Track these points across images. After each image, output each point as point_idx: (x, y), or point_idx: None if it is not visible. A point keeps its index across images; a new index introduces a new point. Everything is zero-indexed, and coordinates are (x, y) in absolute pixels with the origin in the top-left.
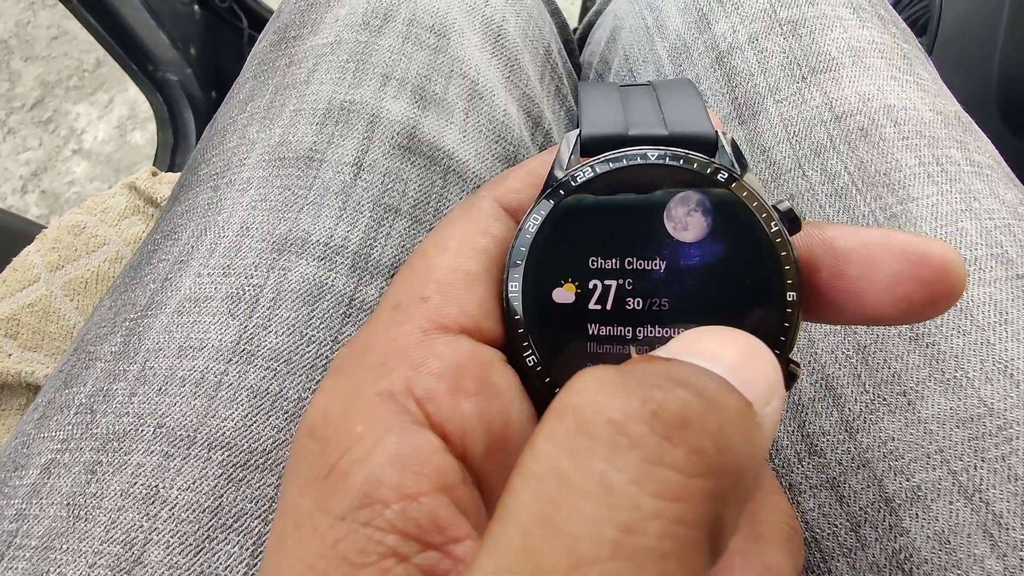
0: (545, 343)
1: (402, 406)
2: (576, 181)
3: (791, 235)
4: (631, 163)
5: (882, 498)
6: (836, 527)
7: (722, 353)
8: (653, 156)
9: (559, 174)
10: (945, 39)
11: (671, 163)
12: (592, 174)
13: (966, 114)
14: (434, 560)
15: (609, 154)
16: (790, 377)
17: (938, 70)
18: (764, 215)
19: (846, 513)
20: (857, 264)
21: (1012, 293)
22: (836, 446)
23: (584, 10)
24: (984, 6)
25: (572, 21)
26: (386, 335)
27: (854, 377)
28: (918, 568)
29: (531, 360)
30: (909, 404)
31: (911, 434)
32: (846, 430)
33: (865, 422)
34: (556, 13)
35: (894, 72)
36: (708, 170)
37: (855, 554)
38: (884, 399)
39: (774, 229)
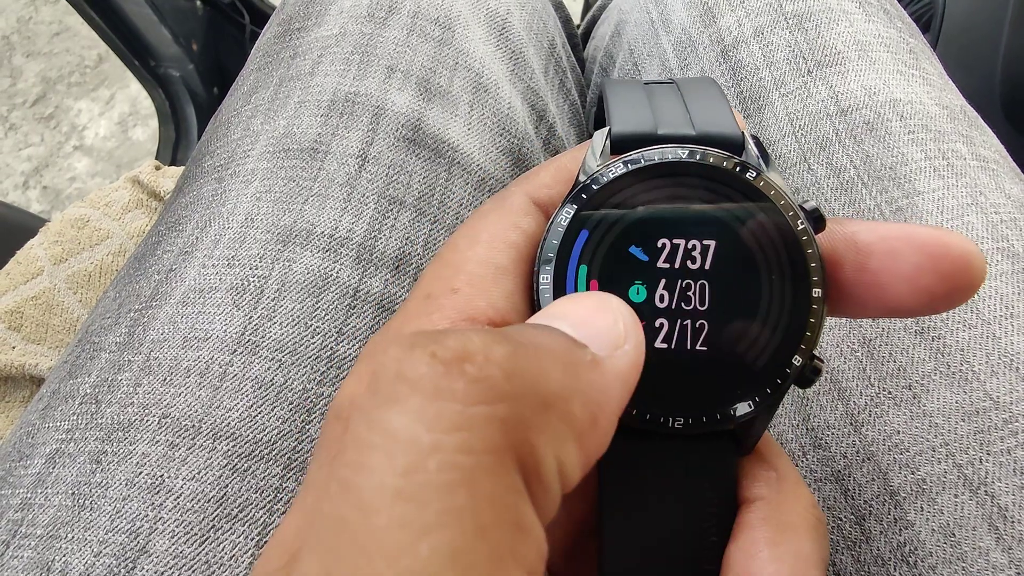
0: None
1: None
2: (606, 178)
3: (816, 233)
4: (662, 160)
5: (887, 491)
6: (841, 520)
7: (566, 311)
8: (683, 154)
9: (590, 171)
10: (949, 36)
11: (700, 162)
12: (622, 171)
13: (972, 108)
14: None
15: (639, 152)
16: (814, 372)
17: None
18: (791, 213)
19: (851, 506)
20: (879, 258)
21: (1018, 287)
22: (841, 439)
23: (587, 5)
24: (988, 3)
25: (575, 17)
26: (416, 324)
27: (859, 370)
28: (923, 561)
29: None
30: (914, 397)
31: (916, 427)
32: (851, 423)
33: (870, 415)
34: (560, 7)
35: (900, 66)
36: (736, 169)
37: (860, 547)
38: (889, 392)
39: (800, 227)
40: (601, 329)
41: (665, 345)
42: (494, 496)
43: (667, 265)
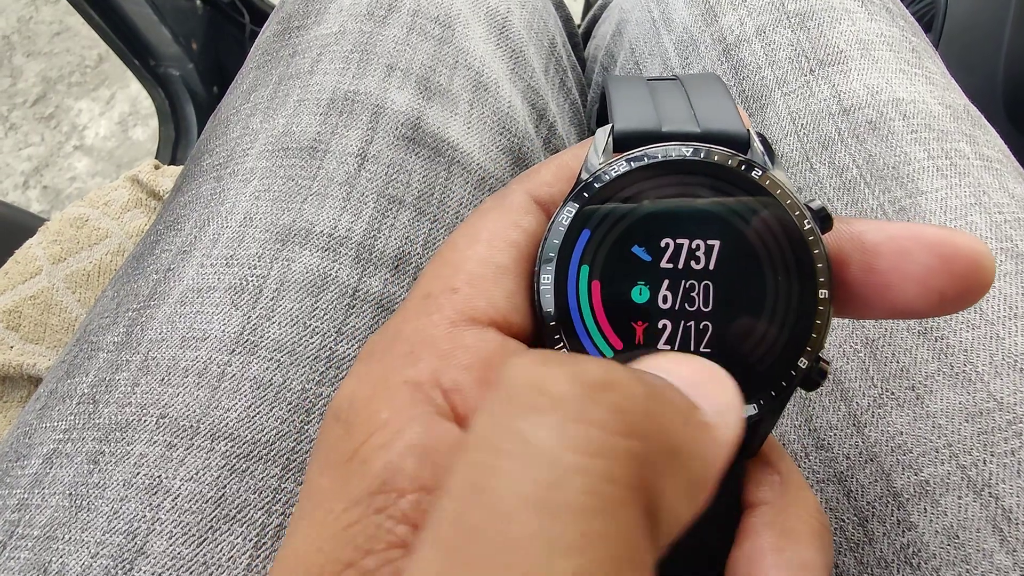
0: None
1: (428, 396)
2: (609, 176)
3: (823, 233)
4: (665, 159)
5: (890, 492)
6: (843, 521)
7: (676, 369)
8: (687, 152)
9: (592, 169)
10: (951, 35)
11: (705, 160)
12: (626, 169)
13: (975, 108)
14: None
15: (642, 149)
16: (820, 374)
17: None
18: (797, 213)
19: (854, 507)
20: (887, 258)
21: (1022, 287)
22: (844, 440)
23: (588, 4)
24: (990, 3)
25: (575, 16)
26: (416, 324)
27: (862, 371)
28: (926, 563)
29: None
30: (917, 398)
31: (919, 428)
32: (854, 424)
33: (873, 416)
34: (561, 6)
35: (903, 65)
36: (742, 167)
37: (863, 549)
38: (892, 393)
39: (807, 227)
40: (712, 393)
41: (668, 347)
42: (627, 531)
43: (670, 265)
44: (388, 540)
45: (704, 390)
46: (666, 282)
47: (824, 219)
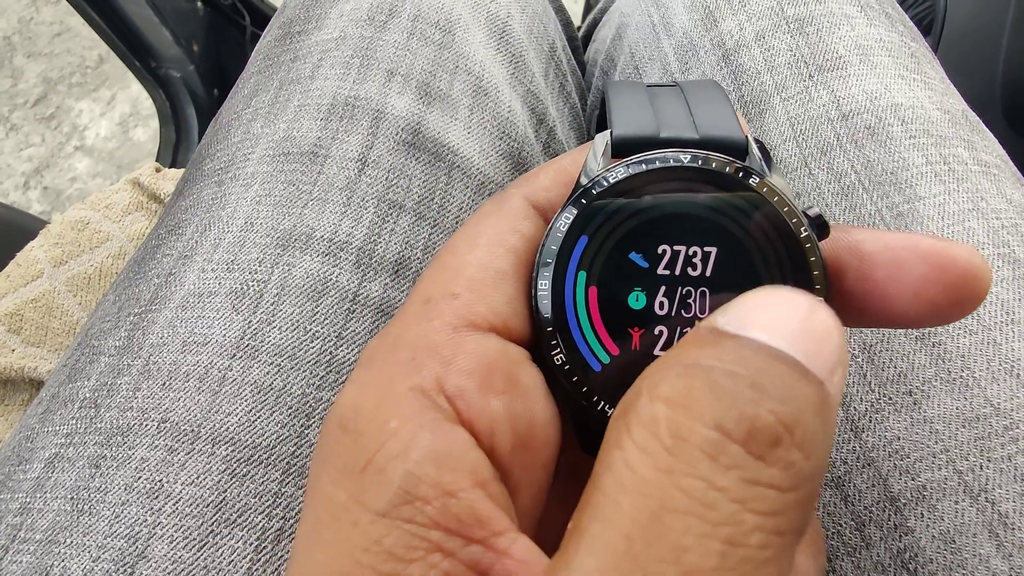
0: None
1: (433, 402)
2: (608, 181)
3: (820, 240)
4: (664, 165)
5: (887, 497)
6: (841, 526)
7: (794, 335)
8: (685, 159)
9: (591, 174)
10: (950, 39)
11: (703, 166)
12: (624, 175)
13: (973, 113)
14: (478, 554)
15: (641, 156)
16: None
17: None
18: (794, 220)
19: (851, 512)
20: (884, 268)
21: (1019, 293)
22: (841, 445)
23: (587, 7)
24: (989, 7)
25: (575, 19)
26: (416, 330)
27: (860, 376)
28: (923, 568)
29: (559, 359)
30: (915, 403)
31: (917, 433)
32: (851, 429)
33: (870, 421)
34: (561, 10)
35: (902, 71)
36: (739, 174)
37: (859, 553)
38: (890, 398)
39: (804, 234)
40: (825, 353)
41: (664, 353)
42: (787, 566)
43: (667, 272)
44: (425, 547)
45: (821, 350)
46: (663, 288)
47: (821, 226)
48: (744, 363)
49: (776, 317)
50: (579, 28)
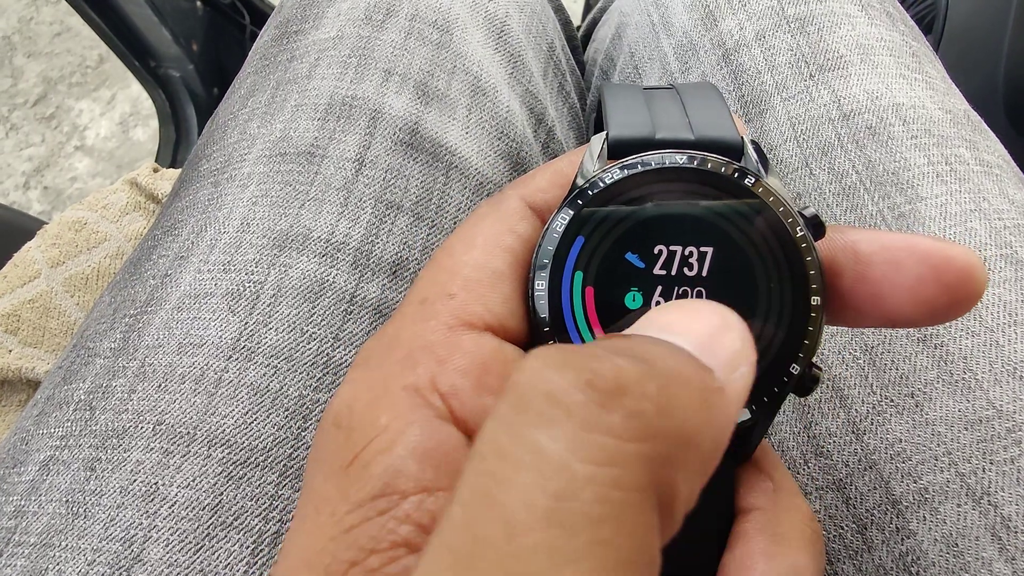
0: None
1: (427, 400)
2: (603, 183)
3: (816, 240)
4: (659, 166)
5: (889, 500)
6: (842, 529)
7: (686, 325)
8: (680, 160)
9: (587, 175)
10: (951, 38)
11: (699, 167)
12: (620, 176)
13: (975, 113)
14: None
15: (637, 157)
16: (812, 380)
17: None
18: (790, 220)
19: (852, 515)
20: (880, 268)
21: (1021, 294)
22: (843, 447)
23: (587, 7)
24: (990, 5)
25: (575, 19)
26: (412, 329)
27: (861, 378)
28: (925, 571)
29: None
30: (917, 406)
31: (919, 436)
32: (853, 432)
33: (872, 423)
34: (560, 10)
35: (903, 70)
36: (735, 174)
37: (861, 556)
38: (891, 400)
39: (799, 234)
40: (720, 346)
41: None
42: (635, 532)
43: (664, 272)
44: (391, 540)
45: (715, 344)
46: (659, 288)
47: (817, 226)
48: (617, 343)
49: (676, 319)
50: (579, 28)
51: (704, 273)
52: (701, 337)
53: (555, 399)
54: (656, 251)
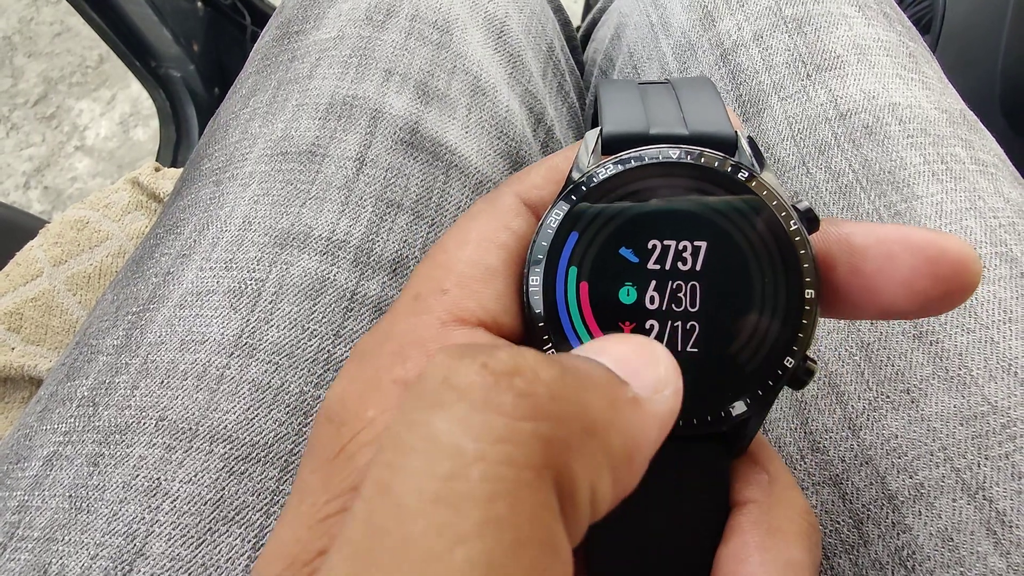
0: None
1: None
2: (597, 178)
3: (810, 234)
4: (653, 161)
5: (885, 495)
6: (839, 524)
7: (613, 347)
8: (674, 155)
9: (581, 171)
10: (948, 38)
11: (692, 162)
12: (614, 171)
13: (971, 112)
14: None
15: (631, 152)
16: (806, 373)
17: (941, 69)
18: (783, 214)
19: (849, 510)
20: (874, 260)
21: (1016, 291)
22: (839, 443)
23: (587, 8)
24: (988, 5)
25: (574, 20)
26: (405, 324)
27: (857, 374)
28: (921, 565)
29: (551, 354)
30: (912, 402)
31: (914, 432)
32: (849, 427)
33: (868, 419)
34: (559, 10)
35: (899, 70)
36: (728, 169)
37: (857, 551)
38: (887, 396)
39: (793, 228)
40: (643, 370)
41: None
42: (532, 512)
43: (657, 267)
44: None
45: (634, 366)
46: (653, 283)
47: (811, 220)
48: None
49: (607, 345)
50: (578, 28)
51: (698, 267)
52: (624, 356)
53: (449, 383)
54: (650, 246)
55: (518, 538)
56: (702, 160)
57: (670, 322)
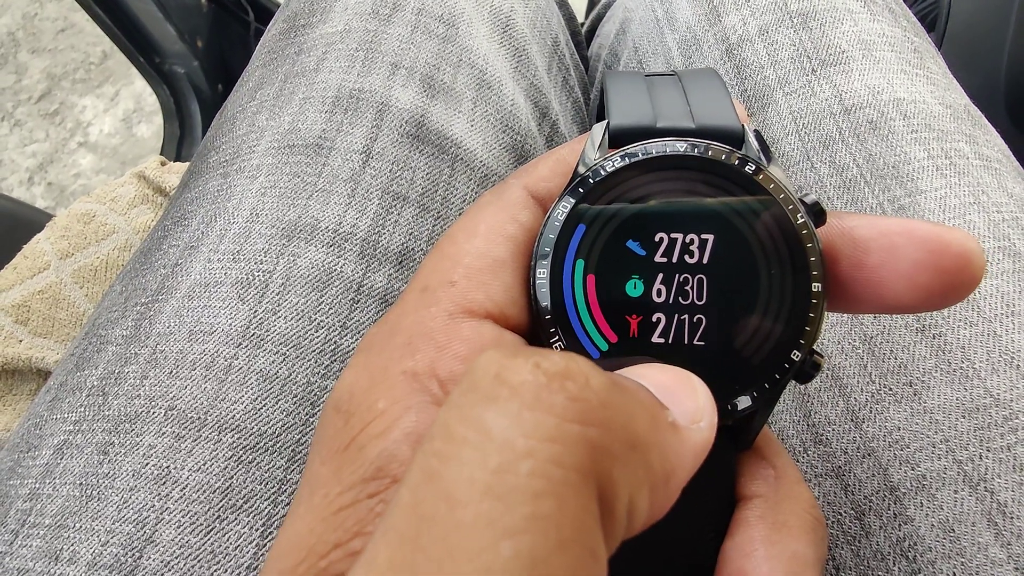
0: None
1: (424, 386)
2: (605, 171)
3: (817, 227)
4: (660, 154)
5: (887, 487)
6: (841, 515)
7: (656, 375)
8: (681, 148)
9: (587, 164)
10: (953, 35)
11: (699, 155)
12: (621, 164)
13: (975, 108)
14: None
15: (637, 145)
16: (813, 366)
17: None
18: (791, 207)
19: (851, 501)
20: (877, 254)
21: (1019, 286)
22: (842, 435)
23: (591, 3)
24: (993, 3)
25: (579, 15)
26: (414, 316)
27: (860, 367)
28: (922, 556)
29: (558, 347)
30: (915, 394)
31: (917, 424)
32: (852, 420)
33: (871, 412)
34: (564, 5)
35: (904, 65)
36: (735, 162)
37: (859, 542)
38: (890, 389)
39: (800, 221)
40: (683, 399)
41: (662, 340)
42: (576, 514)
43: (665, 259)
44: (376, 523)
45: (676, 394)
46: (660, 276)
47: (818, 213)
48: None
49: (649, 372)
50: (583, 23)
51: (705, 260)
52: (665, 383)
53: (503, 379)
54: (657, 239)
55: (561, 538)
56: (709, 153)
57: (677, 315)
